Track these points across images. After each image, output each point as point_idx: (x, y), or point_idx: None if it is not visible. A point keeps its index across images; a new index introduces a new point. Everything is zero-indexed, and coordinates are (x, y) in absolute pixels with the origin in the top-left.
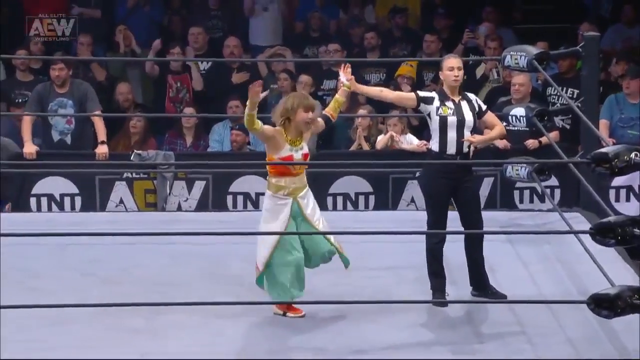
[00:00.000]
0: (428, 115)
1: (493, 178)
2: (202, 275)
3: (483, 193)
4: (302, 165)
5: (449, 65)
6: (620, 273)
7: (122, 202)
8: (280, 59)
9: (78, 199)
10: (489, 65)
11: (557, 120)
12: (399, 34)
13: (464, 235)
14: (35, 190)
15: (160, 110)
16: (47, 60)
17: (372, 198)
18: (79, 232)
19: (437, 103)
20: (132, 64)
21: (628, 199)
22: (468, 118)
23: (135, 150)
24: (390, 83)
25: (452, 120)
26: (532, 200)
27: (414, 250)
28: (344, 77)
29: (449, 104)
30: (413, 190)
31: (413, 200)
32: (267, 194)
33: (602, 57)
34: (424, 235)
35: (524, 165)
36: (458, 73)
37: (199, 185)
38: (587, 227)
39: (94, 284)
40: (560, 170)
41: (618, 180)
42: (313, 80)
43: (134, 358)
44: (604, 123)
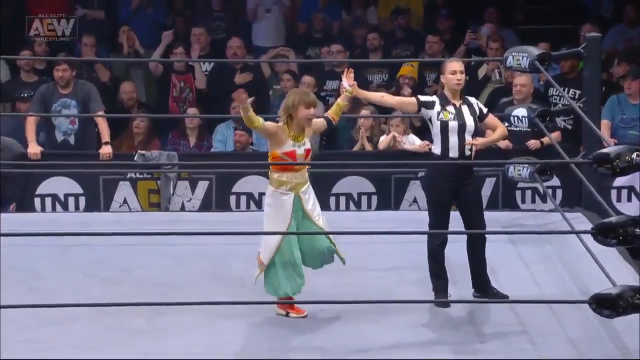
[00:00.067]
0: (429, 120)
1: (495, 178)
2: (204, 276)
3: (485, 193)
4: (301, 165)
5: (452, 69)
6: (622, 273)
7: (125, 202)
8: (283, 60)
9: (82, 199)
10: (491, 66)
11: (558, 121)
12: (402, 35)
13: (467, 236)
14: (40, 191)
15: (164, 110)
16: (50, 61)
17: (374, 198)
18: (80, 232)
19: (437, 108)
20: (135, 65)
21: (629, 199)
22: (469, 122)
23: (139, 151)
24: (393, 84)
25: (453, 125)
26: (534, 201)
27: (416, 251)
28: (347, 82)
29: (450, 109)
30: (415, 191)
31: (415, 201)
32: (269, 190)
33: (605, 58)
34: (426, 236)
35: (526, 166)
36: (460, 77)
37: (203, 186)
38: (588, 227)
39: (97, 284)
40: (562, 171)
41: (619, 181)
42: (316, 81)
43: (136, 358)
44: (606, 123)
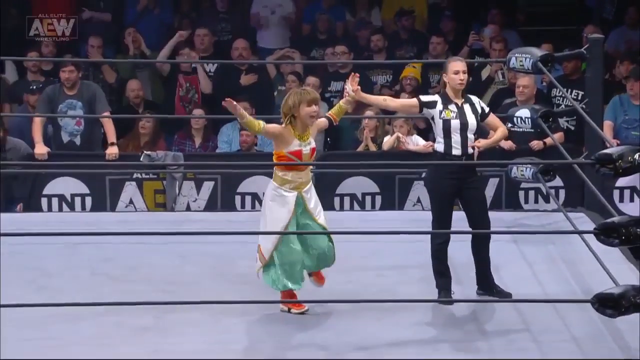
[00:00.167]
0: (432, 119)
1: (498, 179)
2: (210, 274)
3: (488, 193)
4: (307, 165)
5: (455, 69)
6: (624, 273)
7: (131, 202)
8: (288, 61)
9: (88, 199)
10: (494, 67)
11: (561, 122)
12: (406, 36)
13: (471, 235)
14: (47, 191)
15: (170, 110)
16: (57, 62)
17: (378, 198)
18: (80, 232)
19: (439, 106)
20: (141, 66)
21: (632, 200)
22: (471, 121)
23: (145, 151)
24: (396, 85)
25: (455, 124)
26: (537, 201)
27: (420, 250)
28: (350, 87)
29: (452, 107)
30: (419, 191)
31: (419, 201)
32: (271, 185)
33: (607, 59)
34: (430, 235)
35: (529, 166)
36: (463, 77)
37: (208, 186)
38: (591, 227)
39: (104, 283)
40: (565, 171)
41: (622, 181)
42: (320, 82)
43: (144, 355)
44: (608, 124)
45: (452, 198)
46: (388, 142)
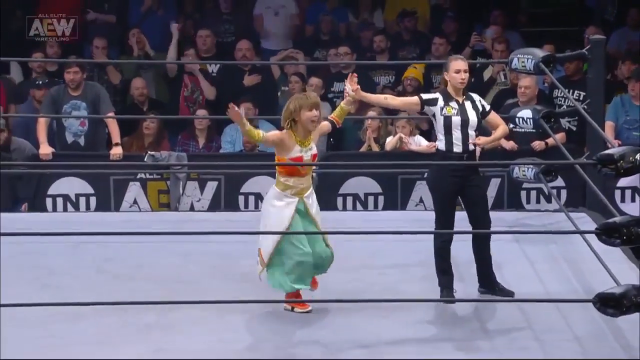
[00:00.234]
0: (433, 116)
1: (500, 179)
2: (213, 274)
3: (491, 194)
4: (309, 166)
5: (456, 68)
6: (626, 272)
7: (136, 202)
8: (290, 62)
9: (93, 199)
10: (497, 68)
11: (563, 122)
12: (408, 37)
13: (472, 235)
14: (51, 191)
15: (175, 110)
16: (61, 63)
17: (381, 198)
18: (85, 232)
19: (441, 103)
20: (145, 67)
21: (633, 200)
22: (472, 118)
23: (149, 152)
24: (399, 85)
25: (456, 120)
26: (538, 201)
27: (422, 249)
28: (349, 87)
29: (453, 104)
30: (421, 191)
31: (421, 201)
32: (273, 190)
33: (608, 60)
34: (432, 234)
35: (531, 166)
36: (464, 76)
37: (211, 186)
38: (593, 227)
39: (108, 282)
40: (567, 171)
41: (623, 181)
42: (323, 83)
43: (147, 354)
44: (610, 125)
45: (454, 196)
46: (390, 142)
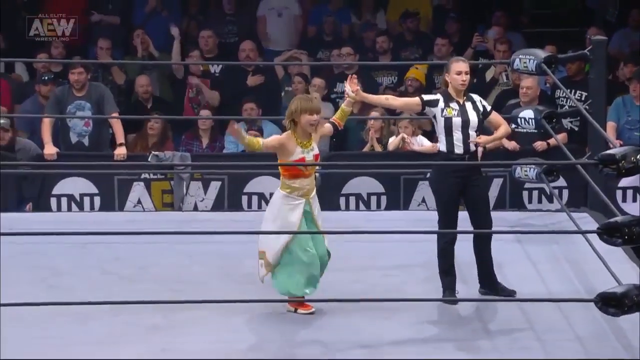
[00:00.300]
0: (434, 117)
1: (502, 179)
2: (217, 274)
3: (493, 193)
4: (313, 166)
5: (457, 69)
6: (627, 272)
7: (139, 202)
8: (293, 62)
9: (97, 199)
10: (499, 69)
11: (565, 122)
12: (411, 38)
13: (473, 235)
14: (56, 191)
15: (179, 110)
16: (66, 64)
17: (383, 198)
18: (89, 231)
19: (441, 105)
20: (149, 68)
21: (635, 200)
22: (472, 119)
23: (153, 152)
24: (401, 86)
25: (457, 122)
26: (540, 201)
27: (425, 250)
28: (349, 88)
29: (454, 105)
30: (424, 191)
31: (424, 201)
32: (279, 193)
33: (610, 60)
34: (435, 235)
35: (533, 167)
36: (465, 77)
37: (215, 186)
38: (594, 227)
39: (113, 282)
40: (568, 171)
41: (625, 181)
42: (326, 83)
43: (152, 354)
44: (611, 125)
45: (457, 197)
46: (393, 142)
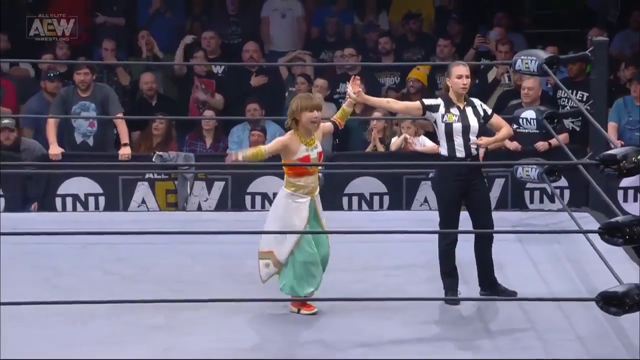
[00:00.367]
0: (434, 122)
1: (504, 179)
2: (220, 274)
3: (494, 194)
4: (315, 165)
5: (458, 73)
6: (628, 271)
7: (144, 202)
8: (296, 64)
9: (102, 199)
10: (500, 70)
11: (566, 123)
12: (413, 39)
13: (474, 236)
14: (61, 191)
15: (184, 110)
16: (71, 64)
17: (386, 198)
18: (93, 231)
19: (442, 110)
20: (153, 68)
21: (636, 200)
22: (473, 124)
23: (157, 152)
24: (404, 87)
25: (457, 127)
26: (542, 201)
27: (427, 250)
28: (351, 89)
29: (454, 111)
30: (426, 191)
31: (426, 201)
32: (284, 192)
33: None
34: (437, 235)
35: (534, 167)
36: (466, 81)
37: (219, 186)
38: (596, 226)
39: (116, 282)
40: (570, 172)
41: (626, 181)
42: (328, 84)
43: (155, 354)
44: (613, 125)
45: (459, 200)
46: (396, 142)
